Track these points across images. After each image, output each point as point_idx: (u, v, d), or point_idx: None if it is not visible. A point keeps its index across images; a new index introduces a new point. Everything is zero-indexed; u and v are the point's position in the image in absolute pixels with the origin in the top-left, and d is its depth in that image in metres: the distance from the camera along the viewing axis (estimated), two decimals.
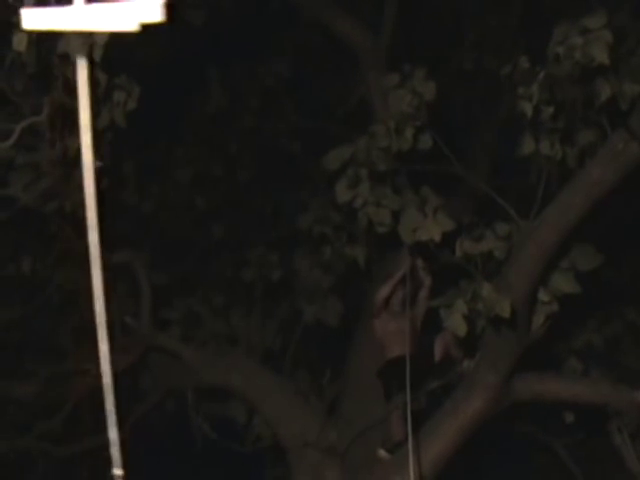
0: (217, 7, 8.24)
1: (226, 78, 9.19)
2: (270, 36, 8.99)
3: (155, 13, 2.44)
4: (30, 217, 7.60)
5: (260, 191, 9.36)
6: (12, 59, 5.80)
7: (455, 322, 6.60)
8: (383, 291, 7.32)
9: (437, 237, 6.80)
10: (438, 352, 7.46)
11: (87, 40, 2.52)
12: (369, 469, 7.77)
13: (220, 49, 8.70)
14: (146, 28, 2.61)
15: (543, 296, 6.97)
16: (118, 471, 2.83)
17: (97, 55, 5.48)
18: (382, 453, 7.62)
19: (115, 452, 2.66)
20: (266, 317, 8.96)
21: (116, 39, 5.64)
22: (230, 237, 9.25)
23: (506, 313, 6.61)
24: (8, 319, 8.82)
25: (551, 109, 6.35)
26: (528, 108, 6.33)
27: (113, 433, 2.63)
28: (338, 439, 8.16)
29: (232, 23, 8.44)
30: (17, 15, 4.66)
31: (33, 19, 2.43)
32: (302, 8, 8.19)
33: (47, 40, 5.26)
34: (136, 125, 6.82)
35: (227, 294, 9.02)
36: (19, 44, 5.18)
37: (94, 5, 2.42)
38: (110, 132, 6.63)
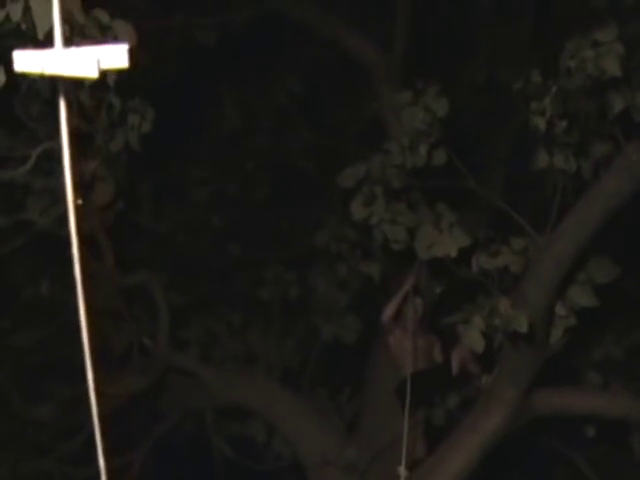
0: (229, 27, 8.29)
1: (240, 97, 9.23)
2: (283, 54, 9.03)
3: (121, 59, 2.47)
4: (47, 241, 7.64)
5: (276, 209, 9.38)
6: (27, 85, 5.85)
7: (473, 338, 6.59)
8: (389, 309, 7.32)
9: (453, 253, 6.79)
10: (455, 366, 7.44)
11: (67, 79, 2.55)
12: None
13: (233, 68, 8.75)
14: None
15: (561, 310, 6.94)
16: None
17: (111, 79, 5.52)
18: (402, 470, 7.59)
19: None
20: (284, 336, 8.97)
21: (129, 62, 5.68)
22: (246, 256, 9.28)
23: (524, 328, 6.59)
24: (27, 342, 8.86)
25: (564, 122, 6.35)
26: (541, 122, 6.33)
27: (101, 461, 2.69)
28: (358, 457, 8.14)
29: (244, 42, 8.49)
30: (31, 43, 4.71)
31: (22, 61, 2.47)
32: (314, 26, 8.23)
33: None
34: (151, 146, 6.86)
35: (244, 313, 9.04)
36: None
37: (72, 49, 2.45)
38: (125, 155, 6.67)
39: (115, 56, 2.46)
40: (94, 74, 2.42)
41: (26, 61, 2.46)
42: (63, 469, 9.03)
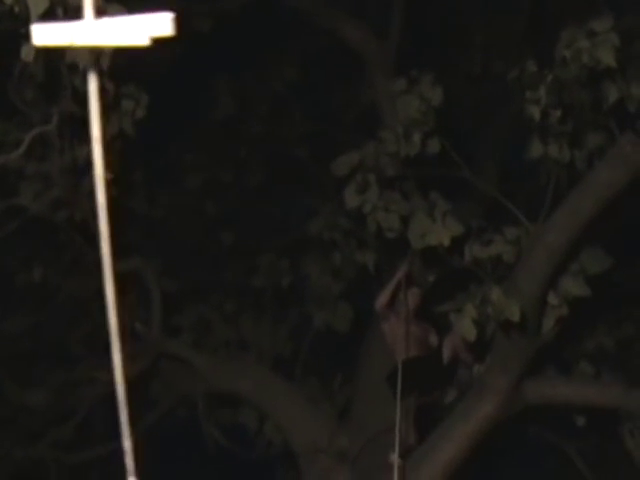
0: (224, 13, 8.26)
1: (234, 84, 9.21)
2: (278, 42, 9.01)
3: (166, 27, 2.43)
4: (40, 226, 7.63)
5: (269, 197, 9.37)
6: (21, 69, 5.83)
7: (465, 326, 6.60)
8: (382, 297, 7.33)
9: (446, 242, 6.80)
10: (446, 355, 7.45)
11: (95, 51, 2.51)
12: (380, 474, 7.77)
13: (228, 55, 8.72)
14: (155, 40, 2.60)
15: (553, 300, 6.96)
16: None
17: (104, 64, 5.50)
18: (393, 458, 7.61)
19: (129, 461, 2.71)
20: (276, 323, 8.97)
21: (124, 48, 5.66)
22: (240, 243, 9.27)
23: (516, 317, 6.60)
24: (20, 327, 8.85)
25: (559, 112, 6.35)
26: (536, 112, 6.34)
27: (127, 443, 2.68)
28: (349, 444, 8.16)
29: (240, 29, 8.46)
30: (25, 26, 4.70)
31: (43, 34, 2.41)
32: (310, 14, 8.21)
33: (55, 50, 5.30)
34: (145, 133, 6.84)
35: (237, 300, 9.04)
36: (27, 54, 5.21)
37: (104, 20, 2.41)
38: (119, 140, 6.66)
39: (160, 24, 2.43)
40: (145, 42, 2.39)
41: (49, 34, 2.40)
42: (55, 454, 9.03)
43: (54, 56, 5.49)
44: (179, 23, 2.54)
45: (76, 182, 6.72)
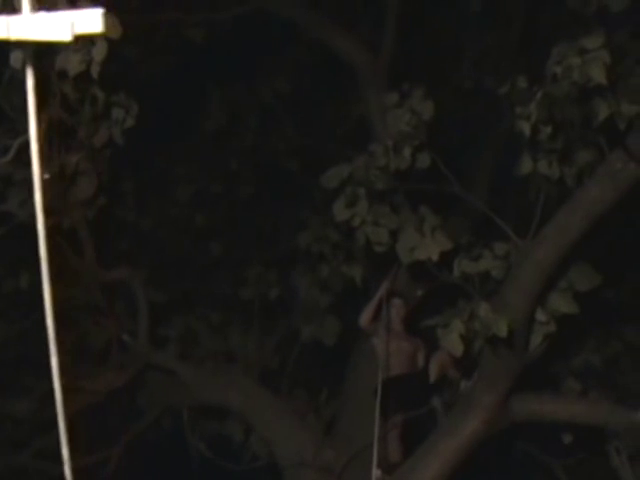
0: (216, 25, 8.27)
1: (225, 96, 9.21)
2: (270, 54, 9.02)
3: (96, 24, 2.42)
4: (27, 233, 7.57)
5: (258, 209, 9.36)
6: (9, 76, 5.81)
7: (452, 342, 6.58)
8: (365, 314, 7.32)
9: (435, 256, 6.79)
10: (433, 372, 7.44)
11: (33, 45, 2.51)
12: None
13: (220, 67, 8.73)
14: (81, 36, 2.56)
15: (541, 316, 6.95)
16: None
17: (95, 72, 5.49)
18: (379, 473, 7.58)
19: (67, 470, 2.69)
20: (264, 335, 8.94)
21: (115, 56, 5.67)
22: (228, 255, 9.26)
23: (503, 333, 6.59)
24: (6, 335, 8.80)
25: (549, 129, 6.35)
26: (526, 128, 6.34)
27: (65, 451, 2.66)
28: (335, 458, 8.13)
29: (231, 41, 8.47)
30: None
31: None
32: (303, 26, 8.22)
33: (44, 57, 5.28)
34: (136, 142, 6.82)
35: (225, 312, 9.01)
36: (16, 61, 5.20)
37: (39, 14, 2.40)
38: (108, 149, 6.63)
39: (89, 21, 2.40)
40: (67, 38, 2.37)
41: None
42: (39, 464, 8.96)
43: (43, 63, 5.47)
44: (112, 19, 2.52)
45: (63, 189, 6.70)
